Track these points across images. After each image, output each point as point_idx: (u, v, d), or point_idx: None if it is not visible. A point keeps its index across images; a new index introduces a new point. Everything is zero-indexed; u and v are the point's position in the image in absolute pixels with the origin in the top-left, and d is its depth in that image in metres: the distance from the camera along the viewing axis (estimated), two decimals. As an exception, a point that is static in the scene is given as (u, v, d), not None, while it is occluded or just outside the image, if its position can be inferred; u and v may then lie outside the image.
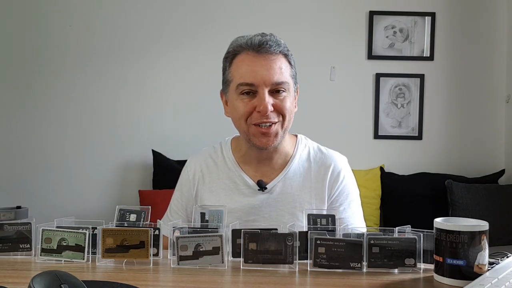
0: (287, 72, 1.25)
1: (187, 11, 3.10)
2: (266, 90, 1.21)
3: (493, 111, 3.11)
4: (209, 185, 1.35)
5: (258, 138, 1.24)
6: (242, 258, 0.99)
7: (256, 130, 1.24)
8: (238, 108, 1.24)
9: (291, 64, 1.28)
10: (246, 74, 1.22)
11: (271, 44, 1.22)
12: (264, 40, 1.22)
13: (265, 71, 1.21)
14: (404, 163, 3.07)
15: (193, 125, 3.09)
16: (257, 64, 1.21)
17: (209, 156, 1.38)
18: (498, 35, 3.11)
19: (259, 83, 1.21)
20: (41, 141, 3.11)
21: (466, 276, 0.87)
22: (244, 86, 1.22)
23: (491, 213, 2.65)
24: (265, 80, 1.21)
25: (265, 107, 1.20)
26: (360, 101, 3.11)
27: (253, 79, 1.21)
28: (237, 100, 1.25)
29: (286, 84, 1.24)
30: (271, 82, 1.21)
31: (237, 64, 1.25)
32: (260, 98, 1.21)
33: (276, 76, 1.22)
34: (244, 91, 1.23)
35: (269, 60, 1.22)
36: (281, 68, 1.23)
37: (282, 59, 1.25)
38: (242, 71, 1.23)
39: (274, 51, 1.23)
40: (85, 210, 3.03)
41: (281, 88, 1.23)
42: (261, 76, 1.21)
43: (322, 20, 3.10)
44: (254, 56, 1.22)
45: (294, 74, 1.29)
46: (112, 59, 3.10)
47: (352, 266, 0.97)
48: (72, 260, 1.03)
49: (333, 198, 1.33)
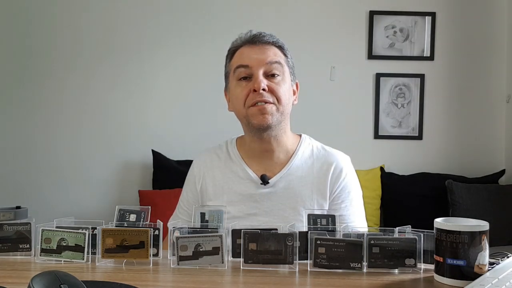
0: (282, 58, 1.33)
1: (187, 11, 3.10)
2: (261, 71, 1.28)
3: (493, 111, 3.11)
4: (213, 179, 1.38)
5: (256, 117, 1.28)
6: (242, 258, 0.99)
7: (253, 110, 1.29)
8: (237, 93, 1.31)
9: (286, 56, 1.35)
10: (242, 59, 1.31)
11: (264, 35, 1.33)
12: (258, 32, 1.33)
13: (259, 55, 1.30)
14: (404, 163, 3.07)
15: (193, 125, 3.09)
16: (252, 51, 1.31)
17: (214, 152, 1.44)
18: (498, 35, 3.10)
19: (253, 64, 1.29)
20: (41, 141, 3.11)
21: (466, 276, 0.87)
22: (241, 68, 1.30)
23: (491, 213, 2.65)
24: (259, 61, 1.29)
25: (258, 84, 1.26)
26: (360, 101, 3.11)
27: (248, 61, 1.30)
28: (236, 86, 1.32)
29: (280, 66, 1.30)
30: (265, 62, 1.29)
31: (235, 56, 1.34)
32: (254, 78, 1.28)
33: (270, 57, 1.29)
34: (241, 76, 1.30)
35: (263, 48, 1.31)
36: (275, 54, 1.32)
37: (277, 49, 1.33)
38: (239, 58, 1.33)
39: (267, 41, 1.32)
40: (85, 210, 3.03)
41: (275, 71, 1.30)
42: (255, 58, 1.29)
43: (322, 20, 3.10)
44: (250, 47, 1.32)
45: (291, 65, 1.36)
46: (112, 59, 3.10)
47: (352, 266, 0.97)
48: (71, 260, 1.03)
49: (334, 194, 1.34)
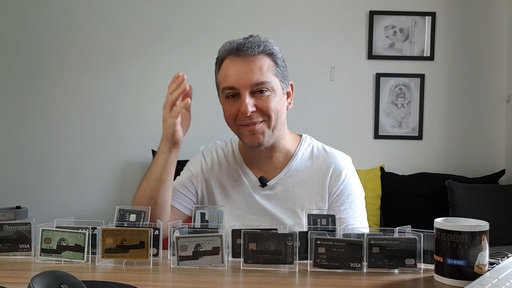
0: (269, 71, 1.25)
1: (188, 11, 3.10)
2: (247, 92, 1.23)
3: (493, 111, 3.11)
4: (218, 178, 1.39)
5: (246, 136, 1.28)
6: (242, 258, 0.99)
7: (243, 130, 1.28)
8: (226, 110, 1.30)
9: (276, 63, 1.28)
10: (228, 78, 1.25)
11: (248, 46, 1.24)
12: (243, 43, 1.25)
13: (244, 74, 1.23)
14: (404, 163, 3.07)
15: (193, 125, 3.06)
16: (237, 67, 1.24)
17: (221, 149, 1.44)
18: (498, 35, 3.10)
19: (239, 86, 1.24)
20: (41, 141, 3.11)
21: (466, 276, 0.87)
22: (228, 89, 1.26)
23: (491, 213, 2.65)
24: (244, 82, 1.23)
25: (244, 109, 1.23)
26: (360, 101, 3.11)
27: (234, 83, 1.24)
28: (225, 104, 1.30)
29: (267, 84, 1.25)
30: (250, 83, 1.23)
31: (222, 69, 1.28)
32: (241, 100, 1.24)
33: (256, 77, 1.23)
34: (229, 94, 1.27)
35: (248, 62, 1.24)
36: (262, 69, 1.24)
37: (264, 59, 1.25)
38: (225, 75, 1.26)
39: (252, 53, 1.24)
40: (85, 210, 3.03)
41: (263, 88, 1.24)
42: (240, 79, 1.23)
43: (322, 20, 3.10)
44: (235, 60, 1.25)
45: (282, 72, 1.29)
46: (112, 59, 3.10)
47: (352, 266, 0.97)
48: (71, 260, 1.03)
49: (333, 197, 1.32)
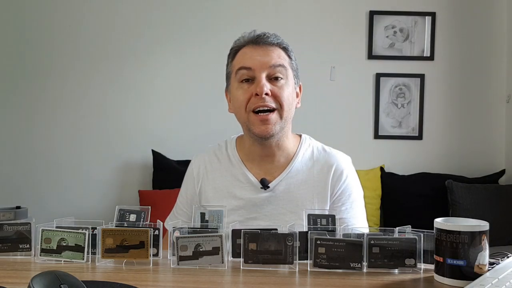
0: (285, 60, 1.29)
1: (187, 11, 3.10)
2: (264, 74, 1.24)
3: (493, 111, 3.11)
4: (213, 182, 1.35)
5: (257, 126, 1.26)
6: (242, 258, 0.99)
7: (255, 118, 1.26)
8: (238, 96, 1.28)
9: (290, 58, 1.31)
10: (245, 60, 1.27)
11: (268, 36, 1.28)
12: (262, 33, 1.29)
13: (262, 57, 1.26)
14: (404, 163, 3.07)
15: (193, 125, 3.09)
16: (255, 53, 1.27)
17: (213, 153, 1.40)
18: (498, 35, 3.11)
19: (256, 67, 1.25)
20: (41, 141, 3.11)
21: (466, 276, 0.87)
22: (243, 70, 1.26)
23: (491, 213, 2.65)
24: (262, 63, 1.25)
25: (261, 88, 1.22)
26: (360, 101, 3.11)
27: (251, 63, 1.25)
28: (237, 89, 1.28)
29: (283, 69, 1.27)
30: (268, 65, 1.25)
31: (239, 55, 1.30)
32: (257, 81, 1.24)
33: (274, 60, 1.26)
34: (243, 78, 1.26)
35: (267, 49, 1.27)
36: (279, 56, 1.27)
37: (281, 51, 1.29)
38: (242, 59, 1.28)
39: (272, 42, 1.28)
40: (85, 210, 3.03)
41: (279, 74, 1.26)
42: (258, 60, 1.25)
43: (322, 20, 3.10)
44: (253, 47, 1.28)
45: (295, 68, 1.32)
46: (112, 59, 3.10)
47: (352, 266, 0.97)
48: (71, 260, 1.03)
49: (335, 197, 1.32)
